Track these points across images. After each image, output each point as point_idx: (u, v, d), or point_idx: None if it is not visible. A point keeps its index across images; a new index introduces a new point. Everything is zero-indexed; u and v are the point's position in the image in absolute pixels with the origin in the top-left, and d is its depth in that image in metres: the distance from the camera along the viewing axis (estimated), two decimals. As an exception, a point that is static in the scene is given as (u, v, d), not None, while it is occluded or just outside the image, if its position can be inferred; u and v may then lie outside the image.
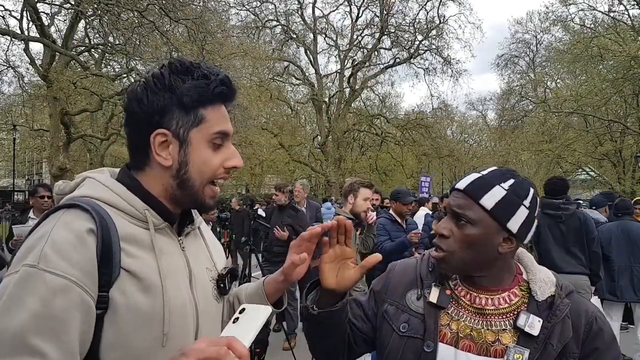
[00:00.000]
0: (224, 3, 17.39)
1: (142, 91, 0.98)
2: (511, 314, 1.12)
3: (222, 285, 1.10)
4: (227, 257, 1.27)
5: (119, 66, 17.89)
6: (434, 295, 1.18)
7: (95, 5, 12.48)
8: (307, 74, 28.21)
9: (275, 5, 26.47)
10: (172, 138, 0.98)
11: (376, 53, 27.74)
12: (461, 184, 1.15)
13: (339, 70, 28.05)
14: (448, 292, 1.19)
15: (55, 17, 16.68)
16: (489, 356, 1.10)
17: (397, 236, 4.36)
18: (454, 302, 1.17)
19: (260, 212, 6.39)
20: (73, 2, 13.34)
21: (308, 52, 27.66)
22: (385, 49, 27.85)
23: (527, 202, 1.11)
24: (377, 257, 1.14)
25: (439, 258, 1.15)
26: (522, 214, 1.10)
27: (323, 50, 28.79)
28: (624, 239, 4.82)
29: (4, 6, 14.46)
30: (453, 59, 27.09)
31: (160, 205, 1.01)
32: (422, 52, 27.26)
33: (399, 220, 4.59)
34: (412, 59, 27.24)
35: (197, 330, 1.01)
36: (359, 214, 3.92)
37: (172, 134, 0.98)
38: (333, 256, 1.18)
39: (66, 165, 15.09)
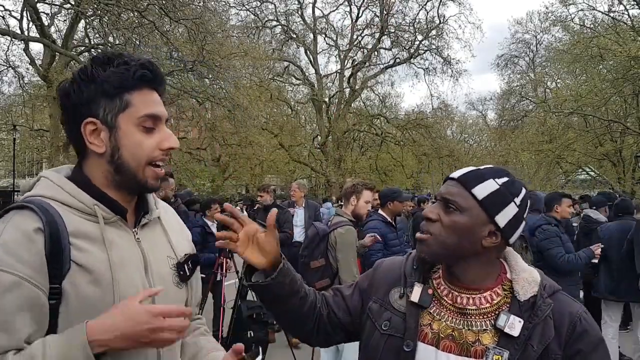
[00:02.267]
0: (224, 3, 17.40)
1: (70, 86, 1.04)
2: (492, 314, 1.11)
3: (181, 272, 1.13)
4: (229, 257, 1.30)
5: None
6: (415, 295, 1.17)
7: (95, 6, 12.47)
8: (307, 74, 28.19)
9: (275, 5, 26.51)
10: (102, 125, 1.03)
11: (376, 53, 27.76)
12: (456, 174, 1.16)
13: (339, 70, 28.03)
14: (430, 291, 1.18)
15: (55, 17, 16.66)
16: (469, 357, 1.08)
17: (391, 238, 4.25)
18: (436, 302, 1.17)
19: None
20: (73, 2, 13.34)
21: (308, 52, 27.65)
22: (385, 49, 27.88)
23: (517, 200, 1.12)
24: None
25: (421, 239, 1.15)
26: (511, 210, 1.11)
27: (323, 50, 28.82)
28: (625, 239, 4.80)
29: (4, 6, 14.47)
30: (453, 59, 27.09)
31: (110, 199, 1.05)
32: (422, 52, 27.25)
33: (391, 222, 4.43)
34: (412, 59, 27.22)
35: None
36: (360, 216, 3.91)
37: (101, 121, 1.03)
38: (245, 240, 1.16)
39: (66, 166, 15.07)
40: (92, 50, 16.91)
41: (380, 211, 4.49)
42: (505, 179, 1.12)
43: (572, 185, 22.80)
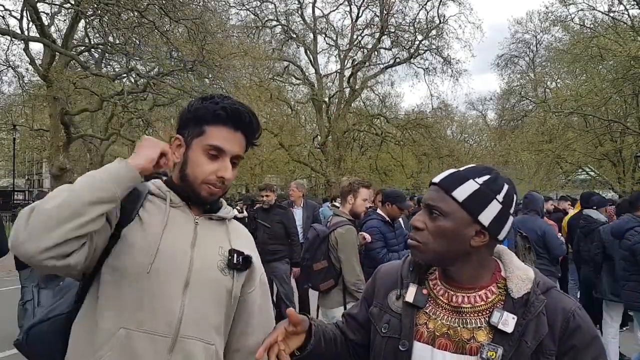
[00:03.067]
0: (224, 3, 17.40)
1: (183, 111, 1.37)
2: (487, 312, 1.12)
3: (230, 258, 1.31)
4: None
5: (119, 66, 17.87)
6: (410, 295, 1.19)
7: (95, 5, 12.48)
8: (307, 73, 28.19)
9: (275, 5, 26.51)
10: (183, 142, 1.32)
11: (376, 53, 27.75)
12: (437, 178, 1.18)
13: (339, 70, 28.03)
14: (425, 291, 1.20)
15: (55, 17, 16.67)
16: (464, 354, 1.10)
17: (390, 237, 4.20)
18: (431, 301, 1.18)
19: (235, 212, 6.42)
20: (73, 2, 13.33)
21: (308, 52, 27.64)
22: (385, 48, 27.87)
23: (500, 197, 1.12)
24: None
25: (412, 246, 1.17)
26: (494, 208, 1.11)
27: (323, 50, 28.82)
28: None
29: (4, 6, 14.47)
30: (453, 58, 27.09)
31: (181, 191, 1.34)
32: (422, 52, 27.25)
33: (390, 221, 4.31)
34: (412, 59, 27.22)
35: (188, 282, 1.24)
36: (358, 214, 3.90)
37: (184, 139, 1.32)
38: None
39: (66, 165, 15.09)
40: (92, 50, 16.94)
41: (379, 210, 4.44)
42: (486, 177, 1.13)
43: (572, 185, 22.79)
